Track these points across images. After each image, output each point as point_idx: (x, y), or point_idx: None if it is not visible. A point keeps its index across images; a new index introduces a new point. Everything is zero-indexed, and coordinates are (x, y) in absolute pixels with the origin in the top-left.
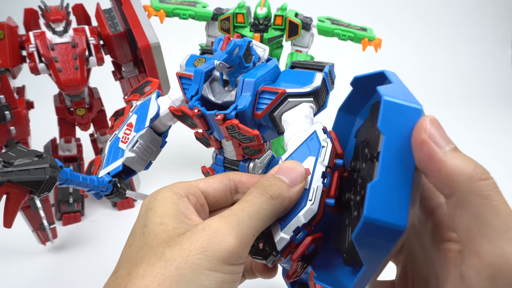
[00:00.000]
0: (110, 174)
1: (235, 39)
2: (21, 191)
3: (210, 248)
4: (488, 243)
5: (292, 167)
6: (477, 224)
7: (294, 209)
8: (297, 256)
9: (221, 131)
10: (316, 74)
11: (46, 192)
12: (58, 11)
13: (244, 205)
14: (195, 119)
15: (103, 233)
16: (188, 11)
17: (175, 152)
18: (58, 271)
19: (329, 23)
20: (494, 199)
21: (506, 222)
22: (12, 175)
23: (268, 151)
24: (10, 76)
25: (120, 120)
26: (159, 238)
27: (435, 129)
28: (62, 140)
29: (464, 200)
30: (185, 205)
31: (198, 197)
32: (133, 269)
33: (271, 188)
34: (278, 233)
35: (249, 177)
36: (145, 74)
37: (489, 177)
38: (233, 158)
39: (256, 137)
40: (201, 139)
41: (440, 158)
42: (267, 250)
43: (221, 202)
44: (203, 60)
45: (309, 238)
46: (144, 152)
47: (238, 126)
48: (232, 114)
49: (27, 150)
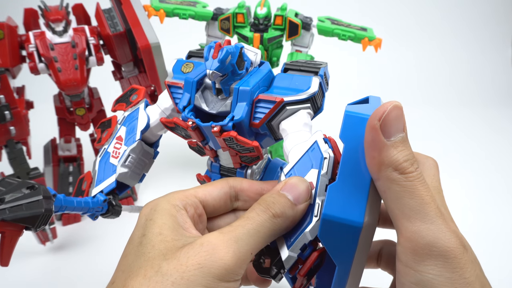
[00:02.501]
0: (103, 192)
1: (226, 46)
2: (16, 228)
3: (206, 265)
4: (407, 221)
5: (298, 184)
6: (398, 206)
7: (300, 225)
8: (304, 272)
9: (217, 142)
10: (312, 79)
11: (43, 226)
12: (58, 11)
13: (244, 222)
14: (190, 131)
15: (103, 233)
16: (188, 11)
17: (173, 154)
18: (58, 271)
19: (329, 23)
20: (410, 187)
21: (420, 204)
22: (5, 213)
23: (264, 155)
24: (10, 76)
25: (108, 132)
26: (156, 248)
27: (392, 117)
28: (62, 140)
29: (386, 186)
30: (183, 218)
31: (196, 208)
32: (128, 281)
33: (275, 206)
34: (285, 251)
35: (250, 184)
36: (145, 74)
37: (413, 170)
38: (229, 166)
39: (256, 148)
40: (194, 148)
41: (379, 146)
42: (274, 269)
43: (221, 209)
44: (191, 65)
45: (315, 253)
46: (137, 165)
47: (237, 138)
48: (229, 126)
49: (16, 182)
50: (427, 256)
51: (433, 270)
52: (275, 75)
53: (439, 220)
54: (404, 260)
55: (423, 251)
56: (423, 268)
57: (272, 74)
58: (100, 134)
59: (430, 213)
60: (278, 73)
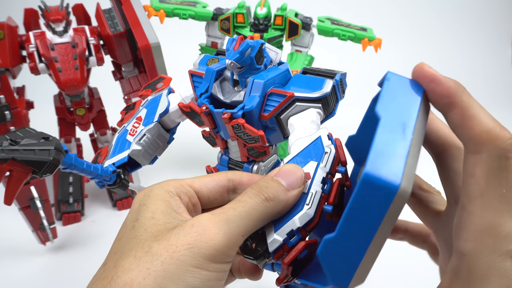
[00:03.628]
0: (115, 164)
1: (248, 40)
2: (24, 170)
3: (196, 245)
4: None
5: (292, 171)
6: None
7: (290, 212)
8: (289, 260)
9: (227, 130)
10: (326, 81)
11: (48, 173)
12: (58, 11)
13: (236, 205)
14: (203, 117)
15: (103, 233)
16: (188, 11)
17: (179, 152)
18: (58, 271)
19: (329, 23)
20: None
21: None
22: (17, 153)
23: (273, 156)
24: (10, 76)
25: (130, 113)
26: (148, 231)
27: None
28: (62, 140)
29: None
30: (176, 204)
31: (191, 197)
32: (119, 262)
33: (267, 190)
34: (271, 234)
35: (250, 178)
36: (145, 74)
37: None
38: (238, 159)
39: (261, 137)
40: (207, 138)
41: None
42: (258, 251)
43: (216, 202)
44: (217, 61)
45: (302, 242)
46: (151, 146)
47: (244, 125)
48: (239, 114)
49: (35, 131)
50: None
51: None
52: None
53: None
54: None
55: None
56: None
57: (289, 74)
58: (124, 115)
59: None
60: (295, 74)
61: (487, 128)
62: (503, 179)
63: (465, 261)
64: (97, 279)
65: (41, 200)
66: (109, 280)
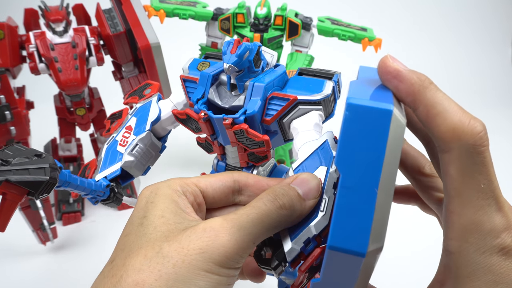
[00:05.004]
0: (107, 178)
1: (245, 43)
2: (18, 192)
3: (208, 250)
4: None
5: (309, 180)
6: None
7: (305, 220)
8: (306, 267)
9: (227, 136)
10: (326, 82)
11: (45, 194)
12: (58, 11)
13: (250, 211)
14: (201, 123)
15: (103, 233)
16: (188, 11)
17: (177, 154)
18: (58, 271)
19: (329, 23)
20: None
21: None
22: (10, 174)
23: (271, 159)
24: (10, 76)
25: (117, 122)
26: (158, 230)
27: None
28: (62, 140)
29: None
30: (184, 203)
31: (196, 196)
32: (128, 260)
33: (284, 197)
34: (288, 243)
35: (256, 180)
36: (145, 74)
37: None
38: (236, 165)
39: (266, 142)
40: (203, 145)
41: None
42: (275, 260)
43: (221, 202)
44: (207, 64)
45: (318, 249)
46: (144, 156)
47: (248, 131)
48: (241, 119)
49: (25, 148)
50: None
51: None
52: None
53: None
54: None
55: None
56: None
57: (286, 76)
58: (110, 124)
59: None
60: (293, 75)
61: (452, 126)
62: (478, 174)
63: (453, 260)
64: (105, 277)
65: (41, 200)
66: (118, 279)
